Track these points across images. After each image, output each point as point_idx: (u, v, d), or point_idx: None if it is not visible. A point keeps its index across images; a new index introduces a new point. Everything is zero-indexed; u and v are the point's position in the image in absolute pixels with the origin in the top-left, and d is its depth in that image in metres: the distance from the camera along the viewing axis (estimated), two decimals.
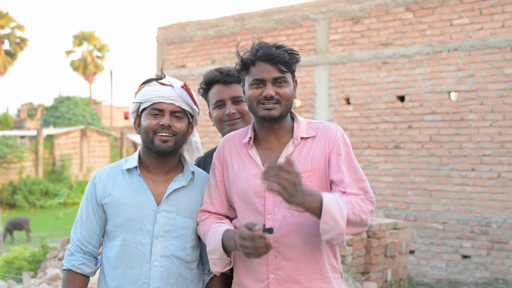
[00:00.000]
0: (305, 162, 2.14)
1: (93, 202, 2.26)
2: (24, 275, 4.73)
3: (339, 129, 2.20)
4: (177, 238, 2.23)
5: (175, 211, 2.24)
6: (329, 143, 2.15)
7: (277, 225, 2.11)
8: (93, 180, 2.30)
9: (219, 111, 2.61)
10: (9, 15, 34.96)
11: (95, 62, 41.90)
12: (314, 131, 2.20)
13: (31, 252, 7.77)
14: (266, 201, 2.14)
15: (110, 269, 2.22)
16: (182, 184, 2.27)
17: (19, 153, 22.23)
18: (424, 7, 8.33)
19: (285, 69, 2.14)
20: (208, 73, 2.70)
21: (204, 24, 10.69)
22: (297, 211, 2.10)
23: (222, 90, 2.61)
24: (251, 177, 2.19)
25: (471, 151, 7.93)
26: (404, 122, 8.48)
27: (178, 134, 2.23)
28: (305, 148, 2.17)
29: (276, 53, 2.12)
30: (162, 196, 2.25)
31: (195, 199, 2.31)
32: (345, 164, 2.11)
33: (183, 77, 10.86)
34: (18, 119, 36.70)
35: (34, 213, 20.98)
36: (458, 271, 7.98)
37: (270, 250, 2.01)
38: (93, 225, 2.26)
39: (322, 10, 9.30)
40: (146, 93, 2.24)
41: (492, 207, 7.79)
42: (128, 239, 2.20)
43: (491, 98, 7.80)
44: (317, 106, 9.37)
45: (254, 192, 2.16)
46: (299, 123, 2.22)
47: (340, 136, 2.17)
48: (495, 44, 7.76)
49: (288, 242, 2.11)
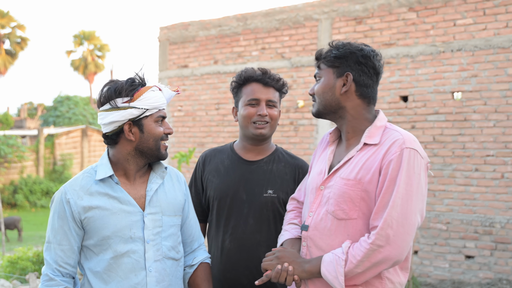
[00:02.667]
0: (356, 170, 2.05)
1: (68, 220, 2.13)
2: (30, 276, 4.73)
3: (405, 142, 2.00)
4: (167, 238, 2.23)
5: (160, 211, 2.23)
6: (386, 155, 2.01)
7: (313, 225, 2.12)
8: (63, 196, 2.15)
9: (251, 109, 2.60)
10: (10, 15, 34.95)
11: (96, 61, 41.88)
12: (381, 138, 2.07)
13: (35, 253, 7.77)
14: (315, 199, 2.15)
15: (101, 284, 2.13)
16: (159, 182, 2.26)
17: (20, 153, 22.22)
18: (428, 7, 8.33)
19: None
20: (248, 69, 2.67)
21: (206, 24, 10.68)
22: (335, 218, 2.06)
23: (260, 90, 2.61)
24: (316, 173, 2.21)
25: (475, 151, 7.93)
26: (407, 122, 8.48)
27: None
28: (365, 155, 2.07)
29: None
30: (143, 200, 2.21)
31: (173, 195, 2.30)
32: (387, 182, 1.97)
33: (186, 77, 10.85)
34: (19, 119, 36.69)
35: (35, 212, 20.97)
36: (462, 271, 7.98)
37: (304, 247, 2.13)
38: (71, 244, 2.14)
39: (325, 10, 9.29)
40: (155, 100, 2.19)
41: (495, 207, 7.79)
42: (120, 250, 2.12)
43: (495, 98, 7.80)
44: None
45: (311, 188, 2.19)
46: (373, 127, 2.11)
47: (400, 150, 1.98)
48: (498, 44, 7.76)
49: (319, 243, 2.10)
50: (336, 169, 2.12)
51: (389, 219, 1.92)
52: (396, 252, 1.93)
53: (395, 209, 1.92)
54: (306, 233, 2.12)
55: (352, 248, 1.98)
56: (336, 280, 1.96)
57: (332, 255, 2.00)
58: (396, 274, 2.07)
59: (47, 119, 29.81)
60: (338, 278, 1.95)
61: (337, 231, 2.05)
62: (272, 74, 2.64)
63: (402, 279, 2.08)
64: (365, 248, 1.94)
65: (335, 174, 2.11)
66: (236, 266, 2.61)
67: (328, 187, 2.11)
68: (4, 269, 7.55)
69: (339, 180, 2.07)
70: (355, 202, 2.01)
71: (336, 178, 2.09)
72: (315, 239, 2.10)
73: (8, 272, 7.39)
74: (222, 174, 2.70)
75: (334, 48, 2.15)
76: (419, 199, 1.97)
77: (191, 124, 10.76)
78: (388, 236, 1.92)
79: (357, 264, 1.94)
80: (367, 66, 2.13)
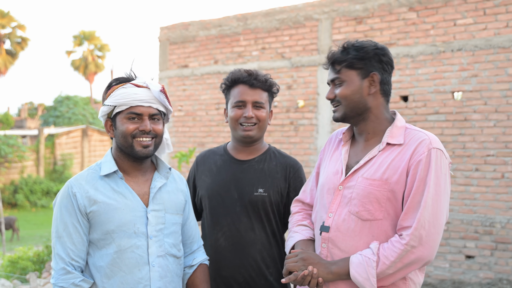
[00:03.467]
0: (382, 169, 2.03)
1: (76, 213, 2.14)
2: (30, 275, 4.73)
3: (431, 142, 2.01)
4: (169, 235, 2.24)
5: (163, 209, 2.25)
6: (413, 155, 2.00)
7: (334, 226, 2.08)
8: (70, 190, 2.17)
9: (238, 111, 2.63)
10: (10, 15, 34.98)
11: (96, 61, 41.90)
12: (405, 138, 2.06)
13: (35, 252, 7.77)
14: (333, 199, 2.12)
15: (104, 279, 2.13)
16: (163, 181, 2.28)
17: (20, 153, 22.24)
18: (428, 7, 8.33)
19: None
20: (236, 71, 2.69)
21: (206, 24, 10.68)
22: (359, 219, 2.03)
23: (246, 92, 2.62)
24: (331, 173, 2.18)
25: (475, 151, 7.93)
26: (407, 122, 8.48)
27: (158, 136, 2.22)
28: (389, 156, 2.06)
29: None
30: (147, 196, 2.23)
31: (176, 195, 2.33)
32: (417, 182, 1.96)
33: (186, 77, 10.86)
34: (19, 119, 36.71)
35: (35, 212, 20.98)
36: (462, 271, 7.98)
37: (324, 249, 2.07)
38: (81, 236, 2.14)
39: (325, 10, 9.30)
40: (122, 96, 2.15)
41: (496, 207, 7.79)
42: (123, 244, 2.13)
43: (495, 98, 7.80)
44: (320, 106, 9.37)
45: (328, 188, 2.16)
46: (393, 127, 2.10)
47: (427, 151, 1.99)
48: (499, 44, 7.76)
49: (341, 245, 2.06)
50: (356, 169, 2.09)
51: (422, 220, 1.92)
52: (428, 252, 1.94)
53: (427, 210, 1.93)
54: (327, 235, 2.08)
55: (383, 249, 1.96)
56: (367, 282, 1.94)
57: (361, 256, 1.97)
58: (417, 275, 2.08)
59: (47, 119, 29.82)
60: (370, 280, 1.93)
61: (362, 232, 2.02)
62: (260, 75, 2.64)
63: (420, 280, 2.10)
64: (399, 249, 1.93)
65: (355, 174, 2.09)
66: (230, 264, 2.63)
67: (348, 187, 2.08)
68: (4, 269, 7.56)
69: (363, 180, 2.05)
70: (381, 202, 2.00)
71: (358, 178, 2.07)
72: (337, 241, 2.06)
73: (9, 271, 7.40)
74: (214, 174, 2.74)
75: (351, 49, 2.12)
76: (446, 199, 1.99)
77: (191, 124, 10.76)
78: (421, 237, 1.92)
79: (390, 265, 1.93)
80: (386, 64, 2.17)
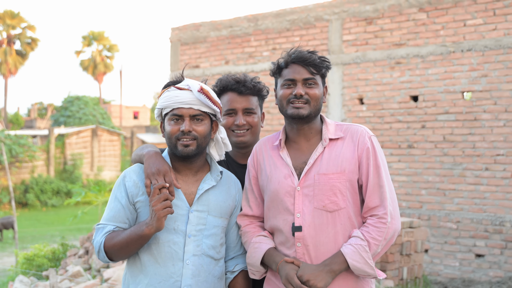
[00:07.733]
0: (335, 163, 2.24)
1: (125, 199, 2.25)
2: (50, 271, 4.84)
3: (367, 131, 2.29)
4: (209, 237, 2.28)
5: (206, 210, 2.29)
6: (359, 145, 2.25)
7: (306, 223, 2.21)
8: (123, 179, 2.30)
9: (229, 119, 2.62)
10: (20, 16, 35.27)
11: (105, 62, 42.14)
12: (343, 132, 2.30)
13: (51, 250, 7.90)
14: (296, 200, 2.24)
15: (141, 267, 2.23)
16: (212, 184, 2.32)
17: (31, 153, 22.43)
18: (438, 8, 8.39)
19: (315, 71, 2.27)
20: (224, 78, 2.68)
21: (217, 24, 10.78)
22: (326, 211, 2.21)
23: (235, 100, 2.61)
24: (282, 177, 2.29)
25: (485, 151, 7.98)
26: (417, 122, 8.54)
27: (199, 137, 2.25)
28: (335, 150, 2.27)
29: (307, 55, 2.26)
30: (193, 196, 2.29)
31: (224, 198, 2.36)
32: (372, 167, 2.23)
33: (197, 78, 10.96)
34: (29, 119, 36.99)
35: (46, 211, 21.17)
36: (472, 270, 8.04)
37: (300, 247, 2.20)
38: (129, 221, 2.25)
39: (336, 11, 9.37)
40: (166, 99, 2.26)
41: (505, 206, 7.84)
42: (161, 238, 2.21)
43: (505, 98, 7.84)
44: (331, 106, 9.44)
45: (284, 191, 2.27)
46: (328, 125, 2.32)
47: (369, 139, 2.26)
48: (508, 44, 7.81)
49: (315, 240, 2.20)
50: (309, 168, 2.25)
51: (387, 197, 2.19)
52: (398, 223, 2.21)
53: (387, 188, 2.21)
54: (301, 233, 2.20)
55: (368, 232, 2.17)
56: (366, 265, 2.14)
57: (350, 246, 2.15)
58: (373, 283, 2.35)
59: (58, 119, 30.04)
60: (368, 263, 2.14)
61: (331, 223, 2.21)
62: (247, 81, 2.62)
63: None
64: (381, 227, 2.17)
65: (309, 173, 2.24)
66: None
67: (306, 186, 2.24)
68: (20, 266, 7.70)
69: (321, 176, 2.22)
70: (343, 192, 2.21)
71: (314, 176, 2.23)
72: (311, 236, 2.20)
73: (25, 268, 7.53)
74: None
75: (318, 58, 2.29)
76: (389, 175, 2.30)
77: None
78: (391, 212, 2.19)
79: (379, 244, 2.16)
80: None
